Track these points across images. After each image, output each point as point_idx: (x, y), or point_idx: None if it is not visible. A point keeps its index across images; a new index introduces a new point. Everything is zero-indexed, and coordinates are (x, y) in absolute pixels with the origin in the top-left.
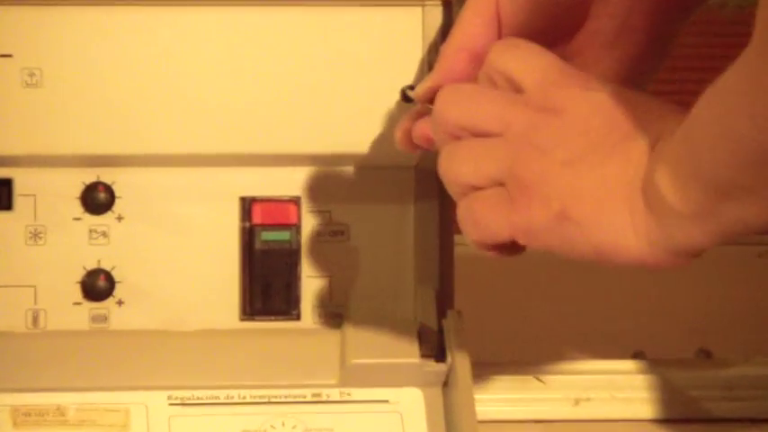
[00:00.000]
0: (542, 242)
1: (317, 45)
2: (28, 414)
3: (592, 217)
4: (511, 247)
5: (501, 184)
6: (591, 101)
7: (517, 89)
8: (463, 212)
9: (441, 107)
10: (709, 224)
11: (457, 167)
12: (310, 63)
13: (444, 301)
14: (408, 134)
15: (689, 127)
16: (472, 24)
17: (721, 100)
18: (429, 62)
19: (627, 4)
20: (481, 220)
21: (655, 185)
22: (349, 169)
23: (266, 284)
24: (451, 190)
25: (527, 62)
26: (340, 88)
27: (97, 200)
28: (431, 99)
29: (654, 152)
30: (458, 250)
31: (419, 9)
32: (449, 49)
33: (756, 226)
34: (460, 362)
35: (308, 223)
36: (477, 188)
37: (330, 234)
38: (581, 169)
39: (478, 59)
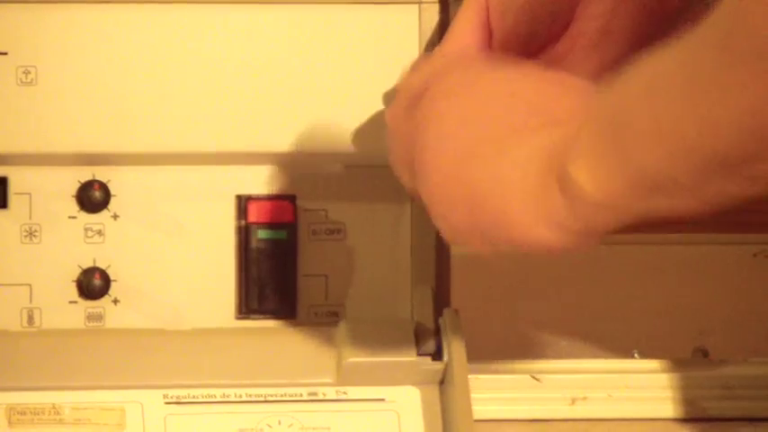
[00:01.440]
0: (463, 242)
1: (313, 43)
2: (23, 413)
3: (499, 211)
4: None
5: None
6: (482, 80)
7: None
8: None
9: (389, 118)
10: (627, 213)
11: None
12: (307, 61)
13: (441, 299)
14: None
15: (615, 118)
16: (463, 31)
17: (660, 98)
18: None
19: (609, 6)
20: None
21: (569, 175)
22: (345, 168)
23: (262, 283)
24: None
25: (418, 69)
26: (337, 87)
27: (92, 198)
28: None
29: (566, 136)
30: (454, 249)
31: (416, 7)
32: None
33: (678, 216)
34: (457, 360)
35: (305, 222)
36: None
37: (326, 232)
38: (483, 159)
39: None
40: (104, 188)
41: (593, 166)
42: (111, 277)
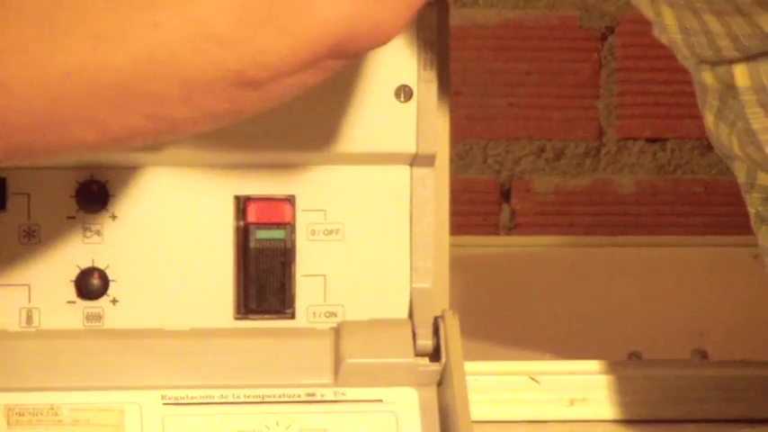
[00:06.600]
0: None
1: None
2: (21, 414)
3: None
4: None
5: None
6: None
7: None
8: None
9: None
10: None
11: None
12: None
13: (439, 300)
14: None
15: None
16: None
17: None
18: (425, 60)
19: None
20: None
21: None
22: (344, 168)
23: (261, 283)
24: None
25: None
26: (335, 86)
27: (91, 198)
28: None
29: None
30: (453, 250)
31: None
32: None
33: None
34: (455, 361)
35: (303, 222)
36: None
37: (325, 233)
38: None
39: None
40: (103, 188)
41: None
42: (110, 277)
